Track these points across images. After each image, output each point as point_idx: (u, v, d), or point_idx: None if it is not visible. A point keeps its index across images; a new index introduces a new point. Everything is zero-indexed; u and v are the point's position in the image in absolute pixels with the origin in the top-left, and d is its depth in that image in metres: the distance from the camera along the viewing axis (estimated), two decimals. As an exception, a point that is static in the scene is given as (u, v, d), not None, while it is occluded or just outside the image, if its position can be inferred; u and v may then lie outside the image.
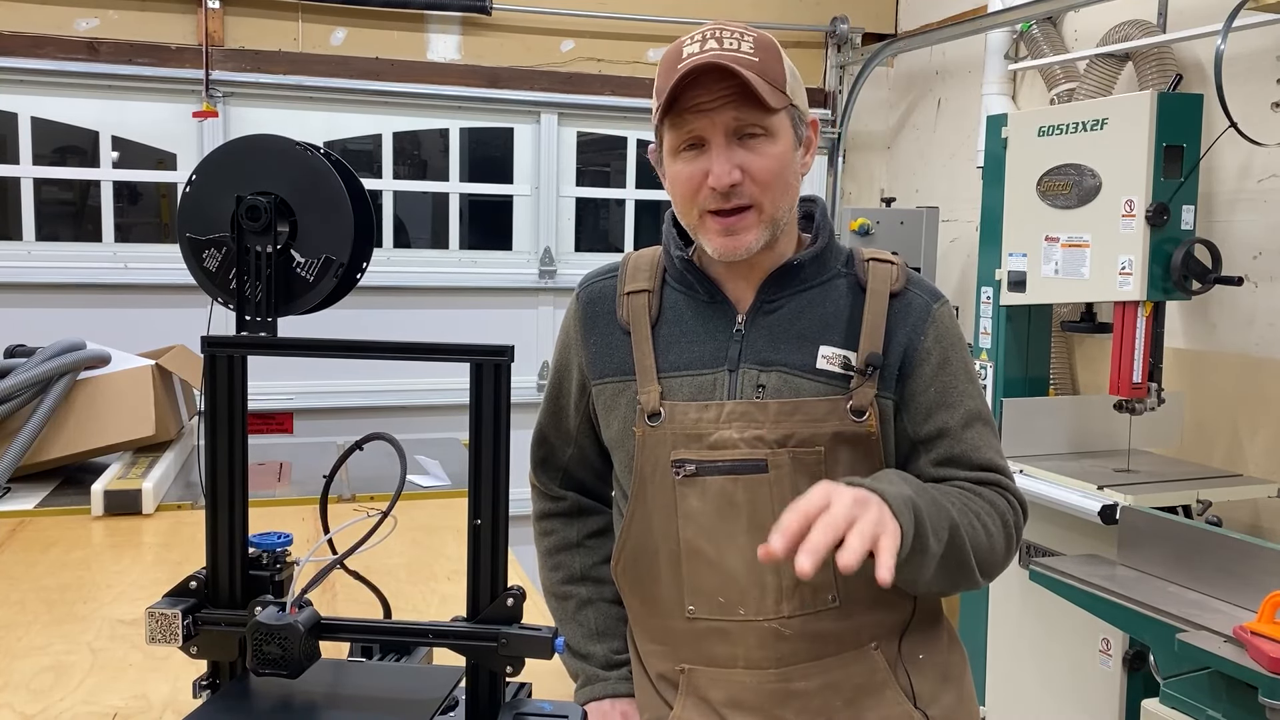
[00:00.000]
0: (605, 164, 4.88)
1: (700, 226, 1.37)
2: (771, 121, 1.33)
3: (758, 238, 1.36)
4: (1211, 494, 2.81)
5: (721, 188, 1.32)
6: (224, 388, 1.28)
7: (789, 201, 1.38)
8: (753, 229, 1.35)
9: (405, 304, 4.39)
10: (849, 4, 4.77)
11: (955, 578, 1.35)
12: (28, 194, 4.01)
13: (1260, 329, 3.13)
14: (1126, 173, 2.91)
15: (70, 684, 1.58)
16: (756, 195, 1.34)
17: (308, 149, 1.34)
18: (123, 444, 2.77)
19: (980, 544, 1.34)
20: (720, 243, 1.36)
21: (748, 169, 1.32)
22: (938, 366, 1.40)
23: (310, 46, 4.20)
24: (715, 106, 1.31)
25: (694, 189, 1.35)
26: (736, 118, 1.32)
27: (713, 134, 1.32)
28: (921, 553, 1.25)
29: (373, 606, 1.40)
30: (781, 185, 1.35)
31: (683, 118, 1.33)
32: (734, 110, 1.31)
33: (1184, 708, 2.12)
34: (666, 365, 1.42)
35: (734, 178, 1.32)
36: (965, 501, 1.36)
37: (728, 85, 1.30)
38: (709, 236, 1.37)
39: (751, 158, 1.33)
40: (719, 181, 1.31)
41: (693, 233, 1.40)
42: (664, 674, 1.46)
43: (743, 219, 1.35)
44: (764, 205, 1.35)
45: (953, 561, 1.32)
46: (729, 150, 1.32)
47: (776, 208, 1.36)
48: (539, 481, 1.63)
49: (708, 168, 1.32)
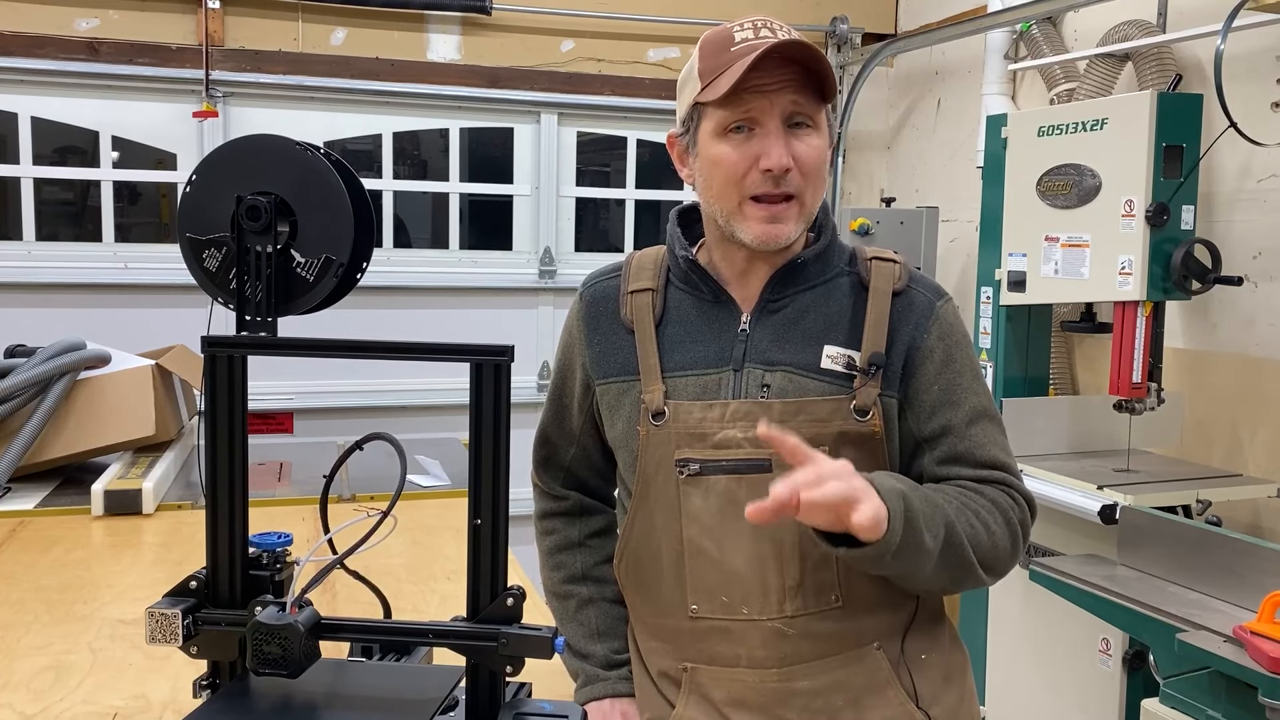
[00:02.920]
0: (605, 164, 4.88)
1: (738, 213, 1.36)
2: (819, 115, 1.34)
3: (795, 229, 1.36)
4: (1211, 494, 2.81)
5: (779, 170, 1.31)
6: (224, 388, 1.28)
7: (821, 197, 1.39)
8: (792, 220, 1.35)
9: (405, 304, 4.39)
10: (849, 4, 4.77)
11: (957, 575, 1.35)
12: (28, 194, 4.01)
13: (1260, 329, 3.13)
14: (1126, 173, 2.91)
15: (70, 684, 1.58)
16: (800, 186, 1.34)
17: (308, 149, 1.34)
18: (123, 444, 2.77)
19: (981, 542, 1.34)
20: (761, 230, 1.35)
21: (797, 157, 1.33)
22: (941, 364, 1.40)
23: (310, 46, 4.19)
24: (776, 89, 1.31)
25: (741, 172, 1.34)
26: (795, 102, 1.32)
27: (769, 117, 1.32)
28: (916, 547, 1.25)
29: (373, 606, 1.40)
30: (820, 179, 1.37)
31: (740, 97, 1.31)
32: (793, 95, 1.31)
33: (1184, 708, 2.12)
34: (671, 365, 1.42)
35: (789, 163, 1.32)
36: (964, 500, 1.36)
37: (788, 71, 1.30)
38: (748, 223, 1.35)
39: (801, 147, 1.33)
40: (777, 163, 1.31)
41: (726, 219, 1.37)
42: (666, 672, 1.46)
43: (788, 208, 1.35)
44: (805, 197, 1.35)
45: (951, 559, 1.31)
46: (784, 135, 1.32)
47: (814, 202, 1.37)
48: (541, 481, 1.63)
49: (759, 151, 1.32)
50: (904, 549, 1.24)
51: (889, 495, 1.23)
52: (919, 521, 1.26)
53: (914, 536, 1.25)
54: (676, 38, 4.62)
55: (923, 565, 1.28)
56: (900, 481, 1.30)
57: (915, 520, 1.25)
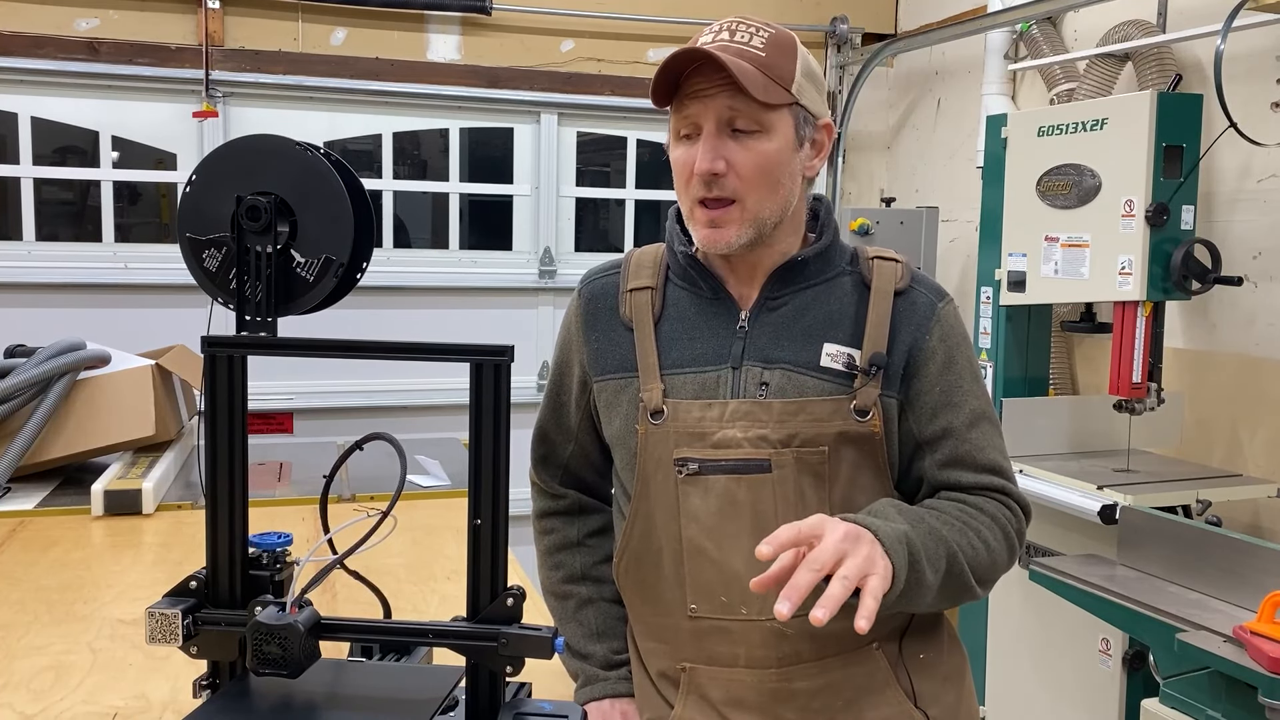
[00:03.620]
0: (605, 164, 4.87)
1: (690, 216, 1.38)
2: (767, 118, 1.33)
3: (739, 234, 1.35)
4: (1211, 494, 2.81)
5: (701, 175, 1.32)
6: (224, 388, 1.28)
7: (778, 202, 1.37)
8: (734, 224, 1.35)
9: (405, 304, 4.39)
10: (849, 4, 4.77)
11: (955, 597, 1.36)
12: (28, 194, 4.01)
13: (1260, 329, 3.13)
14: (1126, 173, 2.91)
15: (70, 684, 1.58)
16: (739, 190, 1.34)
17: (308, 149, 1.34)
18: (123, 444, 2.77)
19: (980, 562, 1.35)
20: (703, 234, 1.37)
21: (732, 162, 1.33)
22: (943, 366, 1.40)
23: (310, 46, 4.19)
24: (710, 94, 1.31)
25: (686, 177, 1.35)
26: (730, 107, 1.32)
27: (705, 121, 1.33)
28: (918, 586, 1.26)
29: (373, 606, 1.40)
30: (768, 184, 1.34)
31: (682, 103, 1.34)
32: (728, 100, 1.31)
33: (1184, 708, 2.12)
34: (669, 363, 1.42)
35: (716, 167, 1.32)
36: (965, 520, 1.36)
37: (725, 75, 1.30)
38: (696, 226, 1.38)
39: (739, 151, 1.33)
40: (699, 168, 1.32)
41: (687, 221, 1.40)
42: (665, 672, 1.46)
43: (726, 212, 1.35)
44: (747, 202, 1.34)
45: (951, 587, 1.32)
46: (717, 140, 1.33)
47: (761, 206, 1.35)
48: (539, 479, 1.63)
49: (695, 156, 1.33)
50: (907, 590, 1.25)
51: (892, 545, 1.23)
52: (922, 563, 1.26)
53: (917, 577, 1.26)
54: (676, 38, 4.62)
55: (923, 598, 1.29)
56: (902, 516, 1.30)
57: (919, 563, 1.26)
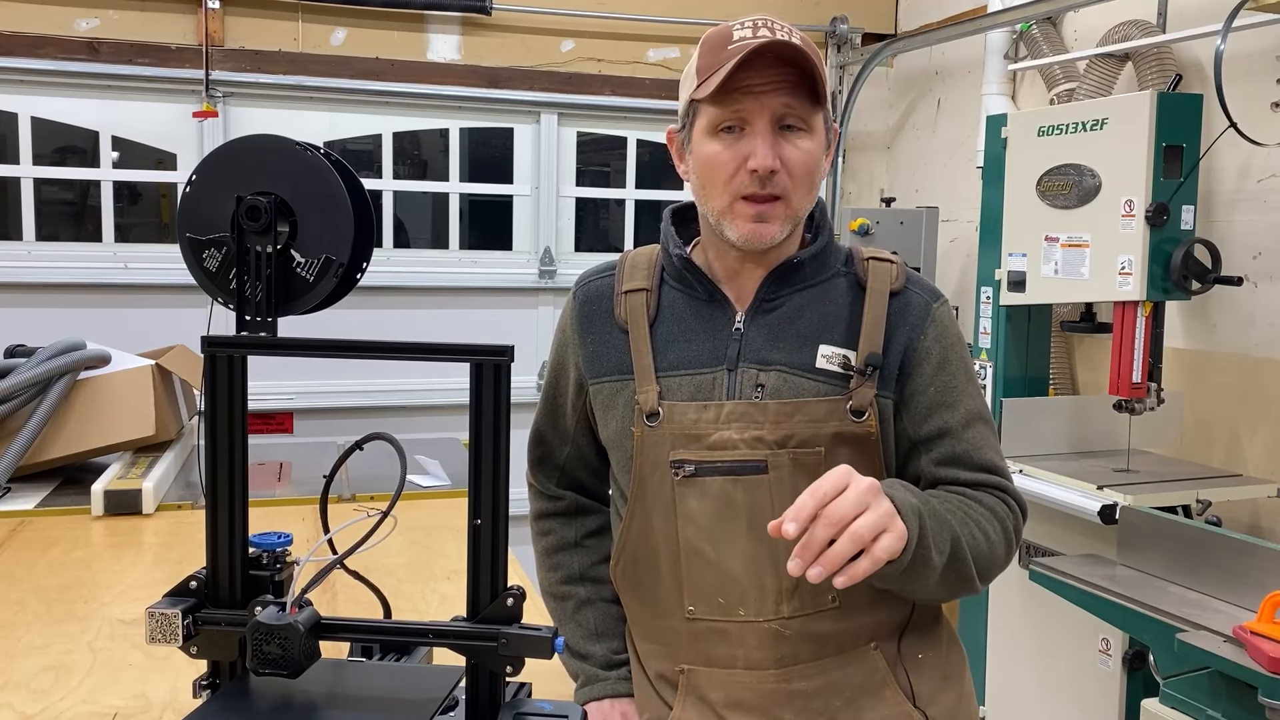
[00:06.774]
0: (605, 164, 4.88)
1: (728, 211, 1.36)
2: (813, 118, 1.34)
3: (780, 230, 1.36)
4: (1211, 494, 2.81)
5: (764, 171, 1.31)
6: (224, 388, 1.28)
7: (812, 200, 1.39)
8: (778, 220, 1.35)
9: (405, 304, 4.39)
10: (849, 4, 4.77)
11: (955, 587, 1.35)
12: (28, 194, 4.01)
13: (1260, 329, 3.13)
14: (1126, 173, 2.91)
15: (70, 684, 1.58)
16: (788, 188, 1.34)
17: (308, 149, 1.34)
18: (123, 444, 2.77)
19: (981, 553, 1.35)
20: (748, 229, 1.35)
21: (785, 160, 1.33)
22: (938, 366, 1.40)
23: (310, 46, 4.19)
24: (767, 90, 1.31)
25: (731, 172, 1.34)
26: (787, 104, 1.32)
27: (759, 118, 1.32)
28: (924, 564, 1.26)
29: (373, 606, 1.40)
30: (811, 182, 1.36)
31: (731, 97, 1.32)
32: (785, 97, 1.31)
33: (1184, 708, 2.12)
34: (665, 364, 1.42)
35: (777, 165, 1.32)
36: (966, 510, 1.36)
37: (781, 72, 1.30)
38: (736, 222, 1.36)
39: (790, 149, 1.33)
40: (763, 164, 1.31)
41: (716, 217, 1.38)
42: (663, 674, 1.46)
43: (772, 208, 1.35)
44: (792, 199, 1.35)
45: (954, 573, 1.32)
46: (773, 136, 1.32)
47: (802, 204, 1.37)
48: (536, 481, 1.63)
49: (748, 151, 1.32)
50: (913, 566, 1.24)
51: (907, 514, 1.22)
52: (929, 539, 1.26)
53: (924, 554, 1.25)
54: (676, 38, 4.62)
55: (927, 580, 1.29)
56: (912, 494, 1.30)
57: (926, 538, 1.26)
